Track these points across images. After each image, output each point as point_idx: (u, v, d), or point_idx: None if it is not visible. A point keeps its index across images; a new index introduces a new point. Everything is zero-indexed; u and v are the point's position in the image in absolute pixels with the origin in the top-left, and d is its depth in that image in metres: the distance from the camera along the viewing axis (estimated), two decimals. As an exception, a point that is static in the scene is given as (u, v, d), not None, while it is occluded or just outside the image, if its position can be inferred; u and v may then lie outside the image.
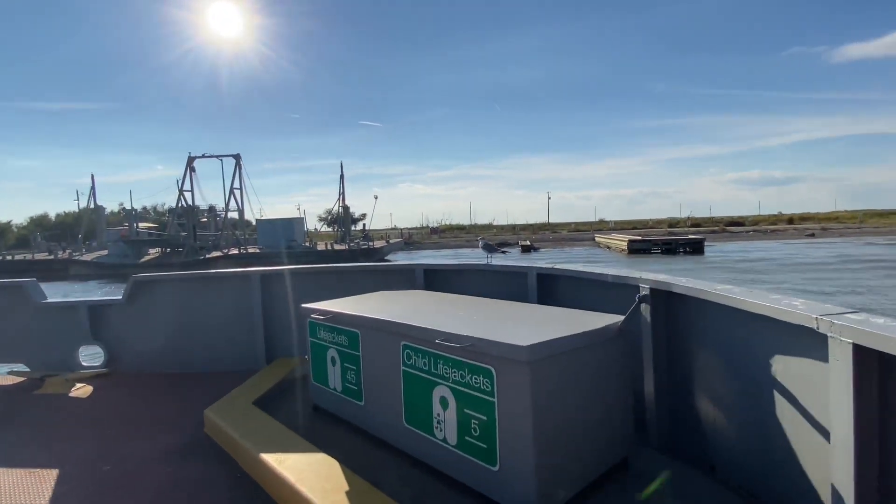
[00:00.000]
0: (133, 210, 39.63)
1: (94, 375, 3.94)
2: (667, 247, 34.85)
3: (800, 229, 55.52)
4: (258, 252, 36.71)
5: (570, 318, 2.23)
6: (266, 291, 4.07)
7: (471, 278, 3.70)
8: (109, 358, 4.10)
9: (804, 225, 61.92)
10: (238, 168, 44.45)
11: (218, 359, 4.02)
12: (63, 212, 63.53)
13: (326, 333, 2.80)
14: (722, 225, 63.78)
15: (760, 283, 19.70)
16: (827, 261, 26.86)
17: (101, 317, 4.14)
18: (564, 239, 54.18)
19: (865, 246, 35.14)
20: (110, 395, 3.55)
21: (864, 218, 65.12)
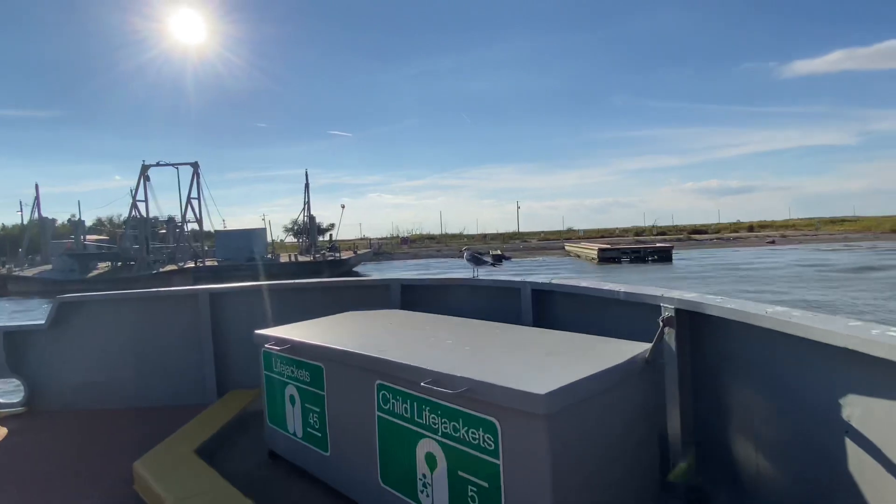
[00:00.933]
0: (80, 221, 36.99)
1: (9, 416, 3.43)
2: (636, 255, 35.04)
3: (760, 236, 57.01)
4: (216, 265, 34.88)
5: (585, 346, 1.90)
6: (217, 312, 3.58)
7: (455, 295, 3.29)
8: (30, 393, 3.55)
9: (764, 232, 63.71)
10: (196, 176, 42.47)
11: (160, 392, 3.52)
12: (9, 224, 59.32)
13: (284, 366, 2.39)
14: (686, 233, 65.06)
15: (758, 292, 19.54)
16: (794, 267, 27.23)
17: (21, 345, 3.56)
18: (534, 248, 54.10)
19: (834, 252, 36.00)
20: (27, 441, 3.05)
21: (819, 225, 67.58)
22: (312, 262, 34.54)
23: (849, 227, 61.71)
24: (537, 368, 1.70)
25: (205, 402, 3.36)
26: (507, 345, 2.07)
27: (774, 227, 73.30)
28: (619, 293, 2.29)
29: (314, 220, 42.29)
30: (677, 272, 28.27)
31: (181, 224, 41.09)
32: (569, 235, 69.50)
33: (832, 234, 55.60)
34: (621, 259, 34.96)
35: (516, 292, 2.90)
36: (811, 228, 65.52)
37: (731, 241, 54.38)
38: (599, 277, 27.86)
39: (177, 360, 3.59)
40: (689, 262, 33.97)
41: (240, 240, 36.78)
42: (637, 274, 27.94)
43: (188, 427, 2.79)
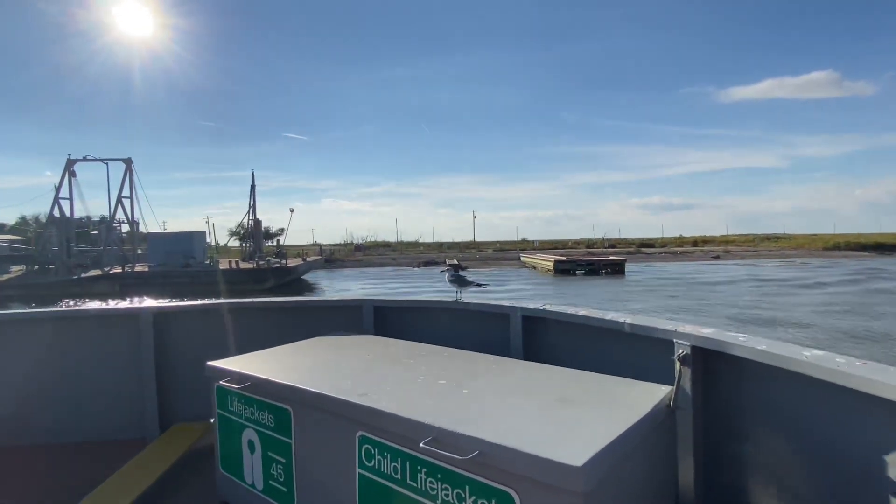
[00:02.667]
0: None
1: None
2: (590, 267, 35.13)
3: (705, 251, 59.17)
4: (146, 271, 31.96)
5: (600, 389, 1.71)
6: (161, 335, 3.19)
7: (435, 319, 2.98)
8: None
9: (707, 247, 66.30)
10: (129, 174, 39.20)
11: (93, 425, 3.11)
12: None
13: (243, 406, 2.03)
14: (636, 246, 66.78)
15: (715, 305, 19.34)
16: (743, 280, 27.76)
17: None
18: (491, 258, 53.62)
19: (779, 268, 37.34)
20: None
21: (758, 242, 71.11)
22: (255, 269, 32.16)
23: (784, 245, 65.15)
24: (556, 423, 1.46)
25: (144, 436, 3.04)
26: (510, 387, 1.80)
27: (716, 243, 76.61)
28: (624, 324, 2.07)
29: (260, 224, 39.84)
30: (632, 285, 28.25)
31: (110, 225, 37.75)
32: (524, 246, 69.75)
33: (770, 251, 58.52)
34: (576, 271, 34.95)
35: (504, 318, 2.62)
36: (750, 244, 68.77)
37: (678, 255, 56.08)
38: (557, 290, 27.39)
39: (112, 388, 3.16)
40: (642, 275, 34.29)
41: (175, 243, 33.87)
42: (593, 287, 27.67)
43: (127, 469, 2.49)
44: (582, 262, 36.19)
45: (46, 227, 34.80)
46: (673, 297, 22.96)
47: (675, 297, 22.94)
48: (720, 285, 27.06)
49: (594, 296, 24.25)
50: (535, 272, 38.53)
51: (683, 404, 1.73)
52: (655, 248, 66.61)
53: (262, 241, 41.33)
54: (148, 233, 38.67)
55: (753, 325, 15.46)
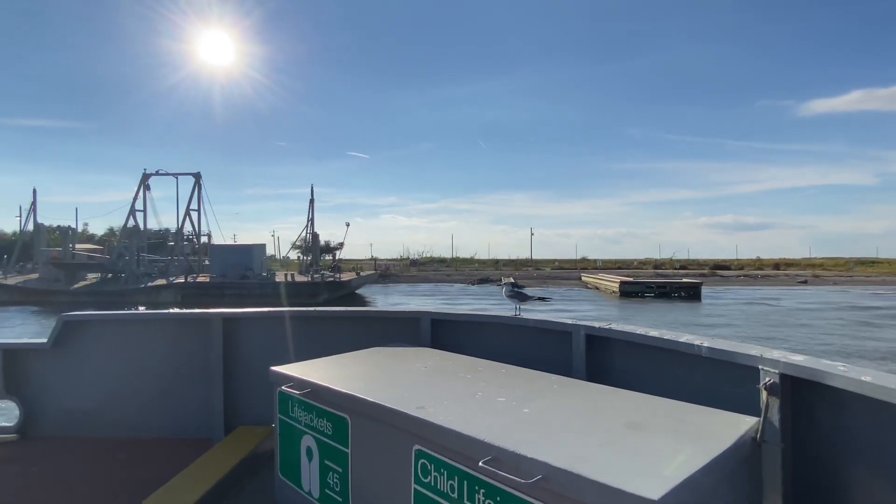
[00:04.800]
0: (69, 229, 35.18)
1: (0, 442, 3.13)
2: (661, 290, 32.19)
3: (790, 275, 53.66)
4: (205, 282, 32.62)
5: (675, 417, 1.58)
6: (229, 339, 3.24)
7: (493, 334, 2.83)
8: (25, 418, 3.27)
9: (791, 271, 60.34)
10: (198, 188, 40.90)
11: (165, 423, 3.22)
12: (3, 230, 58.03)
13: (302, 413, 2.07)
14: (709, 268, 61.94)
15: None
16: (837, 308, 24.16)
17: (19, 364, 3.29)
18: (549, 277, 51.30)
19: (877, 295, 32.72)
20: (16, 472, 2.79)
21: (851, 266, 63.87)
22: (310, 282, 32.05)
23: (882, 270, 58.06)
24: (627, 451, 1.35)
25: (210, 436, 3.15)
26: (575, 409, 1.69)
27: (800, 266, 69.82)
28: (702, 348, 1.90)
29: (317, 238, 40.06)
30: (711, 310, 25.35)
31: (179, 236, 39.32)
32: (584, 265, 66.63)
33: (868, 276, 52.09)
34: (644, 294, 32.15)
35: (566, 336, 2.48)
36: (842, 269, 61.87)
37: (759, 279, 51.24)
38: (624, 314, 25.01)
39: (184, 389, 3.26)
40: (721, 300, 31.00)
41: (235, 255, 34.45)
42: (666, 312, 25.04)
43: (193, 468, 2.58)
44: (651, 284, 33.27)
45: (120, 237, 36.63)
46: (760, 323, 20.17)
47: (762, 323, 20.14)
48: (811, 312, 23.73)
49: (667, 322, 21.77)
50: (597, 293, 36.04)
51: (771, 438, 1.58)
52: (732, 270, 61.46)
53: (319, 255, 41.55)
54: (210, 245, 39.93)
55: (855, 357, 13.60)
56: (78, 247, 35.42)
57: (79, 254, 34.46)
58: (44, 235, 38.22)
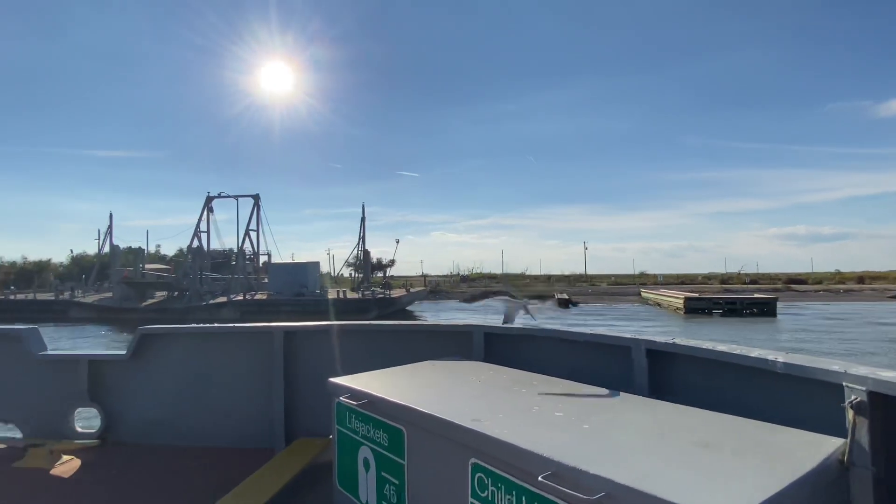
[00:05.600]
0: (140, 250, 37.43)
1: (83, 447, 3.36)
2: (731, 307, 29.87)
3: (877, 289, 48.72)
4: (263, 299, 33.53)
5: (749, 436, 1.48)
6: (290, 352, 3.39)
7: (547, 349, 2.78)
8: (106, 424, 3.53)
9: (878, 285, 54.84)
10: (257, 209, 42.53)
11: (230, 432, 3.39)
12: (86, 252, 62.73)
13: (359, 423, 2.08)
14: (782, 282, 57.45)
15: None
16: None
17: (102, 374, 3.58)
18: (606, 293, 49.25)
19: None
20: (98, 476, 2.99)
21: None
22: (360, 299, 32.29)
23: None
24: (698, 471, 1.27)
25: (271, 446, 3.28)
26: (638, 426, 1.62)
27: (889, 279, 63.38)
28: (777, 363, 1.79)
29: (368, 255, 40.55)
30: (789, 328, 23.13)
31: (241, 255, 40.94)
32: (643, 280, 63.59)
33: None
34: (712, 310, 29.93)
35: (626, 351, 2.39)
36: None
37: (841, 293, 46.86)
38: (690, 333, 23.26)
39: (248, 400, 3.43)
40: (800, 317, 28.36)
41: (291, 273, 35.41)
42: (738, 330, 23.08)
43: (255, 477, 2.69)
44: (719, 300, 30.96)
45: (185, 257, 38.52)
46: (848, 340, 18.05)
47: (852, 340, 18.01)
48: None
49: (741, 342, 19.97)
50: (659, 310, 34.01)
51: (860, 461, 1.44)
52: (808, 284, 56.70)
53: (371, 272, 41.95)
54: (269, 264, 41.26)
55: None
56: (147, 267, 37.55)
57: (148, 273, 36.49)
58: (119, 256, 40.88)
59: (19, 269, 62.10)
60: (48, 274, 44.43)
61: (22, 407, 3.64)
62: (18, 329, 3.70)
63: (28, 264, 66.72)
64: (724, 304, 30.24)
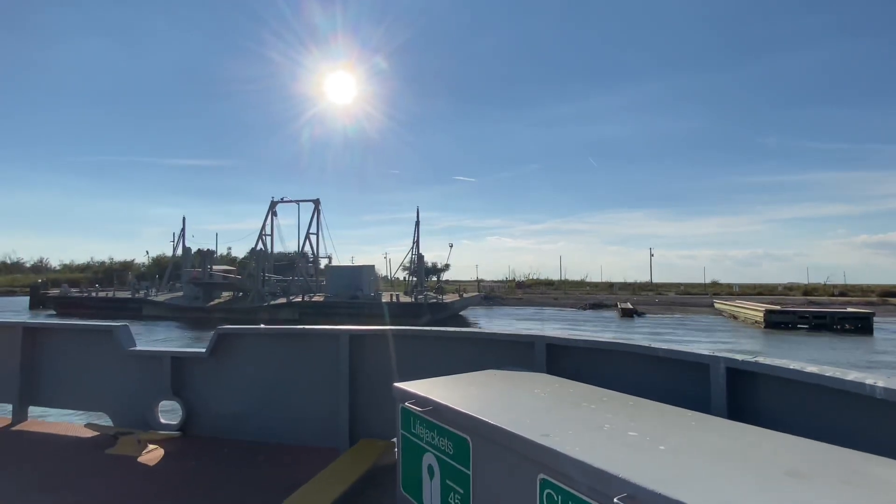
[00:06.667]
0: (208, 251, 39.21)
1: (166, 438, 3.65)
2: (818, 321, 26.96)
3: None
4: (320, 301, 34.07)
5: (842, 467, 1.35)
6: (355, 355, 3.49)
7: (613, 363, 2.66)
8: (186, 418, 3.80)
9: None
10: (317, 213, 43.56)
11: (297, 430, 3.56)
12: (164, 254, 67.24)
13: (424, 430, 2.05)
14: (876, 294, 51.66)
15: None
16: None
17: (183, 370, 3.85)
18: (675, 303, 46.26)
19: None
20: (179, 466, 3.23)
21: None
22: (413, 303, 32.01)
23: None
24: (792, 500, 1.17)
25: (336, 445, 3.38)
26: (719, 450, 1.48)
27: None
28: (875, 388, 1.67)
29: (422, 259, 40.34)
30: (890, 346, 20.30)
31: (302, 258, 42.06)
32: (716, 290, 59.42)
33: None
34: (797, 325, 27.10)
35: (703, 369, 2.27)
36: None
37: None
38: (772, 350, 21.00)
39: (316, 400, 3.55)
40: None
41: (347, 276, 35.84)
42: (827, 348, 20.58)
43: (323, 476, 2.77)
44: (805, 314, 28.01)
45: (249, 259, 40.02)
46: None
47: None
48: None
49: (831, 360, 17.68)
50: (735, 323, 31.27)
51: None
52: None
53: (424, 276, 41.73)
54: (327, 266, 42.06)
55: None
56: (215, 268, 39.25)
57: (215, 274, 38.12)
58: (190, 258, 43.16)
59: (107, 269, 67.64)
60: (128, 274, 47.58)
61: (113, 398, 3.94)
62: (112, 326, 4.01)
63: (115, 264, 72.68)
64: (810, 317, 27.37)
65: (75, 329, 4.28)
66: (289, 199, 43.61)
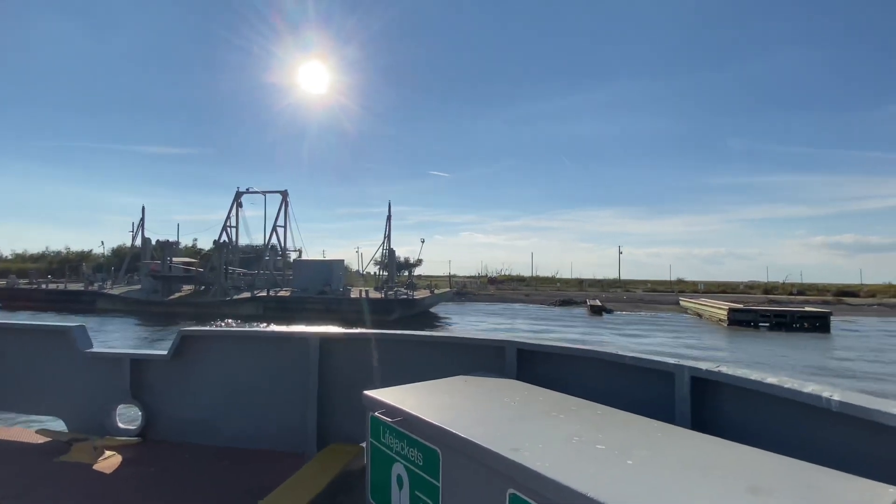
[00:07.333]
0: (168, 243, 37.51)
1: (125, 444, 3.51)
2: (779, 320, 27.60)
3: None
4: (285, 296, 33.05)
5: (803, 481, 1.39)
6: (325, 358, 3.43)
7: (584, 369, 2.69)
8: (146, 422, 3.66)
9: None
10: (284, 204, 42.34)
11: (264, 435, 3.49)
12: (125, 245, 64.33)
13: (394, 440, 2.04)
14: (832, 294, 53.72)
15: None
16: None
17: (143, 373, 3.72)
18: (642, 300, 46.96)
19: None
20: (138, 473, 3.10)
21: None
22: (383, 299, 31.37)
23: None
24: None
25: (304, 450, 3.35)
26: (685, 464, 1.52)
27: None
28: (831, 401, 1.73)
29: (393, 254, 39.69)
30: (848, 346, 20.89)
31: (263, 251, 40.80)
32: (681, 287, 60.69)
33: None
34: (759, 323, 27.71)
35: (668, 377, 2.31)
36: None
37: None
38: (735, 348, 21.34)
39: (283, 404, 3.48)
40: (858, 334, 25.87)
41: (315, 271, 34.80)
42: (789, 347, 21.03)
43: (291, 482, 2.73)
44: (767, 313, 28.64)
45: (213, 252, 38.56)
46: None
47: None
48: None
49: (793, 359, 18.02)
50: (699, 321, 31.85)
51: None
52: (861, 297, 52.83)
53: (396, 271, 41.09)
54: (294, 260, 40.91)
55: None
56: (175, 260, 37.55)
57: (176, 266, 36.51)
58: (150, 249, 41.27)
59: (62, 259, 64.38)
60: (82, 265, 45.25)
61: (68, 402, 3.77)
62: (67, 326, 3.83)
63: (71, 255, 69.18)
64: (771, 316, 27.98)
65: (27, 329, 4.09)
66: (255, 190, 42.27)
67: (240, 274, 39.27)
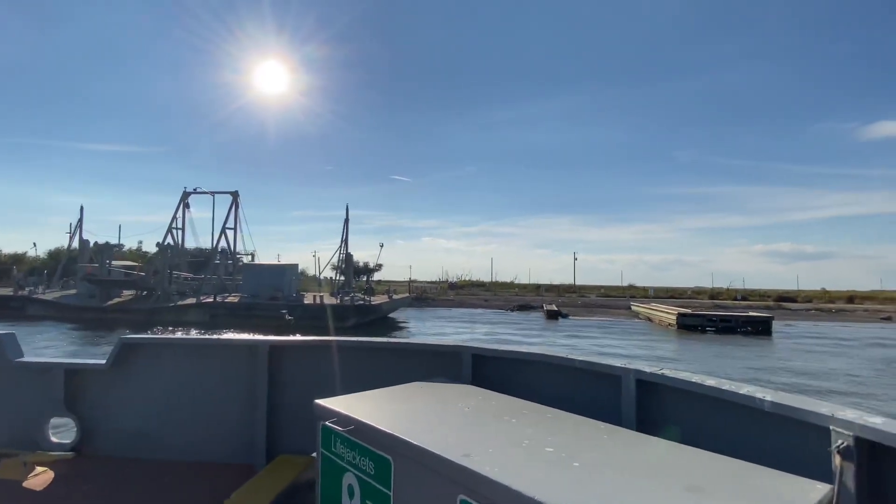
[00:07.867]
0: (106, 245, 35.27)
1: (57, 459, 3.30)
2: (725, 324, 28.67)
3: (870, 310, 48.01)
4: (235, 302, 31.63)
5: (737, 479, 1.46)
6: (275, 367, 3.33)
7: (537, 373, 2.73)
8: (82, 436, 3.46)
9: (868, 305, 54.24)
10: (235, 206, 40.78)
11: (211, 448, 3.36)
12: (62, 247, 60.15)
13: (345, 449, 2.01)
14: (772, 300, 56.68)
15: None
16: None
17: (78, 384, 3.50)
18: (594, 305, 47.97)
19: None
20: (72, 490, 2.93)
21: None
22: (338, 305, 30.49)
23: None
24: None
25: (253, 462, 3.23)
26: (629, 465, 1.58)
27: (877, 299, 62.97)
28: (764, 402, 1.79)
29: (350, 259, 38.82)
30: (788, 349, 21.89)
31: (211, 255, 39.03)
32: (633, 292, 62.53)
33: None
34: (706, 328, 28.71)
35: (615, 381, 2.36)
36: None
37: (834, 312, 46.07)
38: (684, 351, 21.93)
39: (230, 414, 3.36)
40: (796, 337, 27.21)
41: (266, 276, 33.40)
42: (734, 350, 21.80)
43: (238, 495, 2.66)
44: (713, 318, 29.75)
45: (156, 255, 36.55)
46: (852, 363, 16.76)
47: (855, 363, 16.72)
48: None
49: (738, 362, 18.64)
50: (650, 326, 32.72)
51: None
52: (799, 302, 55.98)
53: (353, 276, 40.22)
54: (242, 265, 39.32)
55: None
56: (115, 263, 35.29)
57: (115, 270, 34.33)
58: (87, 252, 38.65)
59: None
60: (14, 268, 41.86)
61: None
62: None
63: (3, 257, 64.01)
64: (718, 321, 29.04)
65: None
66: (203, 190, 40.53)
67: (186, 278, 37.36)
